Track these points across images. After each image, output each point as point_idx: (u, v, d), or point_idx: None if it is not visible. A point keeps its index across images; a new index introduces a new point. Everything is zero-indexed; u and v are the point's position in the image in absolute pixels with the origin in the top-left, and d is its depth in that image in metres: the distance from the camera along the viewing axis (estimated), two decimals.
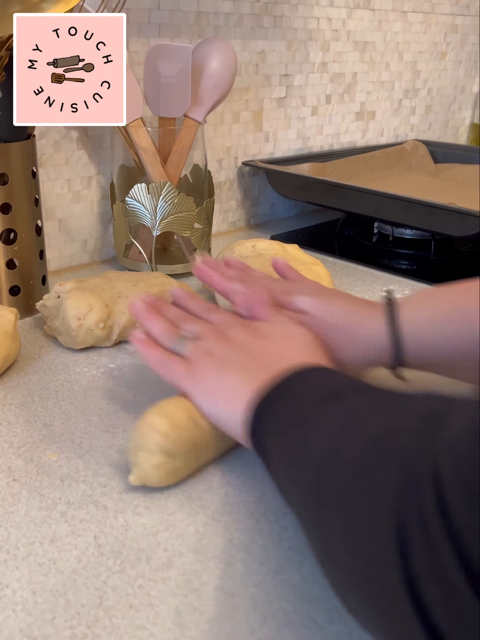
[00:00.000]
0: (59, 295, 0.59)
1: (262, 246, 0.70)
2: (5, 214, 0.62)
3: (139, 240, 0.76)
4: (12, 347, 0.55)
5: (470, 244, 0.91)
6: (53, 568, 0.36)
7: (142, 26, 0.78)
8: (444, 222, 0.80)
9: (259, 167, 0.94)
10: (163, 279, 0.64)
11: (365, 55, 1.10)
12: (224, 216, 0.96)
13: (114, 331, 0.59)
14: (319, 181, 0.91)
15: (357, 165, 1.05)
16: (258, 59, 0.92)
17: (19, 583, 0.35)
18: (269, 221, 1.03)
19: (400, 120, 1.23)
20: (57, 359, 0.58)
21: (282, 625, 0.33)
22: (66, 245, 0.80)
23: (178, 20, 0.81)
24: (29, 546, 0.37)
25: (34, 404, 0.51)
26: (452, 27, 1.26)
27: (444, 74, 1.30)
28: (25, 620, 0.33)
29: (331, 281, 0.71)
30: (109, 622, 0.33)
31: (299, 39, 0.97)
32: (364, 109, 1.14)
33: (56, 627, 0.32)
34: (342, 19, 1.02)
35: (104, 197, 0.81)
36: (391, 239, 0.91)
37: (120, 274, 0.65)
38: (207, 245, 0.79)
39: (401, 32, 1.15)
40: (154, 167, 0.73)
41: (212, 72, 0.73)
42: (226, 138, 0.93)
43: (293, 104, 1.00)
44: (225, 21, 0.86)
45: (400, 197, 0.81)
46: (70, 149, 0.76)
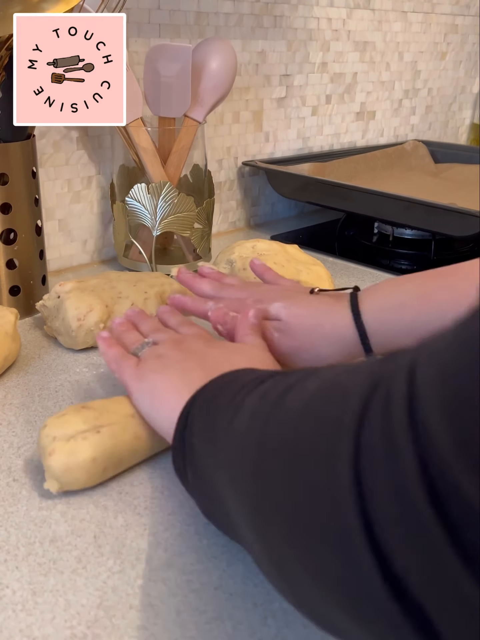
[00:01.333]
0: (59, 295, 0.59)
1: (262, 246, 0.70)
2: (5, 214, 0.62)
3: (139, 240, 0.76)
4: (12, 348, 0.55)
5: (471, 244, 0.91)
6: (53, 568, 0.36)
7: (142, 26, 0.78)
8: (444, 222, 0.80)
9: (259, 167, 0.94)
10: (163, 279, 0.64)
11: (366, 55, 1.10)
12: (224, 216, 0.96)
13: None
14: (319, 181, 0.91)
15: (357, 166, 1.05)
16: (258, 59, 0.92)
17: (19, 583, 0.35)
18: (269, 221, 1.03)
19: (401, 121, 1.23)
20: (57, 359, 0.58)
21: (282, 625, 0.33)
22: (66, 245, 0.80)
23: (178, 20, 0.81)
24: (28, 546, 0.37)
25: (34, 404, 0.51)
26: (452, 27, 1.26)
27: (444, 74, 1.30)
28: (25, 620, 0.33)
29: (331, 281, 0.71)
30: (109, 623, 0.33)
31: (299, 39, 0.97)
32: (364, 109, 1.14)
33: (56, 627, 0.32)
34: (342, 19, 1.02)
35: (104, 197, 0.81)
36: (391, 239, 0.91)
37: (121, 274, 0.65)
38: (207, 245, 0.79)
39: (401, 32, 1.15)
40: (154, 167, 0.73)
41: (212, 72, 0.73)
42: (226, 138, 0.93)
43: (293, 104, 1.00)
44: (225, 21, 0.86)
45: (401, 197, 0.81)
46: (71, 149, 0.76)
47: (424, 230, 0.88)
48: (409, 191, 0.84)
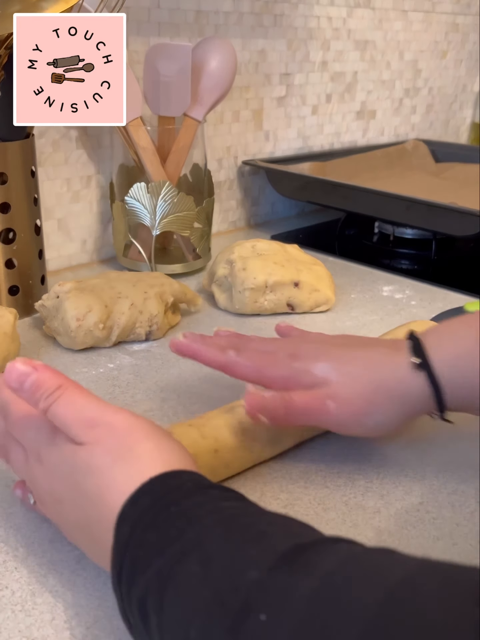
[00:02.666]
0: (58, 295, 0.59)
1: (262, 246, 0.70)
2: (4, 214, 0.62)
3: (138, 240, 0.76)
4: (12, 348, 0.55)
5: (472, 243, 0.91)
6: (52, 569, 0.36)
7: (142, 25, 0.78)
8: (445, 222, 0.80)
9: (259, 166, 0.94)
10: (163, 279, 0.64)
11: (366, 54, 1.09)
12: (223, 216, 0.96)
13: (113, 332, 0.59)
14: (319, 180, 0.91)
15: (358, 165, 1.05)
16: (258, 58, 0.92)
17: (18, 584, 0.35)
18: (269, 221, 1.03)
19: (401, 120, 1.23)
20: (57, 359, 0.58)
21: None
22: (65, 245, 0.80)
23: (178, 19, 0.81)
24: (28, 547, 0.37)
25: None
26: (452, 26, 1.26)
27: (445, 73, 1.29)
28: (24, 621, 0.33)
29: (332, 281, 0.71)
30: (108, 624, 0.33)
31: (299, 38, 0.97)
32: (364, 108, 1.14)
33: (55, 628, 0.32)
34: (342, 18, 1.02)
35: (103, 197, 0.81)
36: (392, 239, 0.91)
37: (120, 274, 0.65)
38: (206, 245, 0.79)
39: (402, 31, 1.15)
40: (154, 166, 0.73)
41: (212, 71, 0.73)
42: (226, 137, 0.92)
43: (293, 103, 1.00)
44: (225, 20, 0.86)
45: (401, 197, 0.81)
46: (70, 148, 0.76)
47: (425, 230, 0.88)
48: (409, 190, 0.83)
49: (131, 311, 0.59)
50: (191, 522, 0.28)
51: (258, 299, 0.67)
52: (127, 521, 0.29)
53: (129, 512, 0.29)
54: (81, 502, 0.32)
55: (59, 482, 0.33)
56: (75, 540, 0.35)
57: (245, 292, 0.66)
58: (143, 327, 0.60)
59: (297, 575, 0.24)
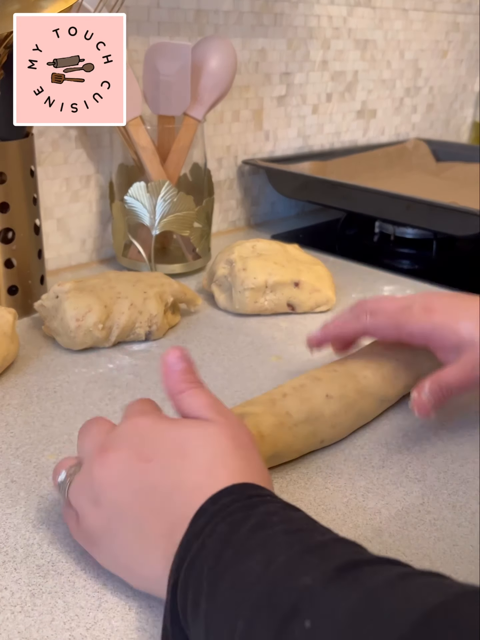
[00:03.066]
0: (58, 295, 0.59)
1: (262, 246, 0.70)
2: (3, 213, 0.62)
3: (138, 240, 0.76)
4: (11, 348, 0.54)
5: (473, 243, 0.91)
6: (52, 570, 0.36)
7: (142, 24, 0.78)
8: (446, 222, 0.80)
9: (259, 165, 0.93)
10: (163, 279, 0.64)
11: (366, 53, 1.09)
12: (223, 215, 0.96)
13: (112, 332, 0.59)
14: (319, 180, 0.90)
15: (358, 164, 1.05)
16: (258, 57, 0.92)
17: (17, 585, 0.35)
18: (269, 220, 1.03)
19: (402, 119, 1.23)
20: (56, 359, 0.58)
21: None
22: (65, 245, 0.80)
23: (177, 18, 0.81)
24: (27, 548, 0.37)
25: (33, 405, 0.51)
26: (453, 26, 1.26)
27: (446, 72, 1.29)
28: (24, 622, 0.33)
29: (332, 281, 0.71)
30: (108, 625, 0.33)
31: (299, 37, 0.97)
32: (365, 107, 1.13)
33: (55, 629, 0.32)
34: (342, 17, 1.02)
35: (103, 196, 0.81)
36: (393, 239, 0.91)
37: (120, 274, 0.65)
38: (206, 244, 0.79)
39: (402, 30, 1.14)
40: (153, 166, 0.73)
41: (211, 70, 0.73)
42: (226, 136, 0.92)
43: (293, 102, 1.00)
44: (225, 19, 0.86)
45: (402, 196, 0.81)
46: (69, 148, 0.76)
47: (426, 230, 0.87)
48: (410, 190, 0.83)
49: (131, 311, 0.59)
50: (264, 526, 0.29)
51: (258, 299, 0.66)
52: (205, 515, 0.30)
53: (209, 508, 0.31)
54: (163, 484, 0.33)
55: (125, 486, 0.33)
56: (119, 541, 0.33)
57: (245, 292, 0.66)
58: (143, 327, 0.60)
59: (345, 588, 0.25)
